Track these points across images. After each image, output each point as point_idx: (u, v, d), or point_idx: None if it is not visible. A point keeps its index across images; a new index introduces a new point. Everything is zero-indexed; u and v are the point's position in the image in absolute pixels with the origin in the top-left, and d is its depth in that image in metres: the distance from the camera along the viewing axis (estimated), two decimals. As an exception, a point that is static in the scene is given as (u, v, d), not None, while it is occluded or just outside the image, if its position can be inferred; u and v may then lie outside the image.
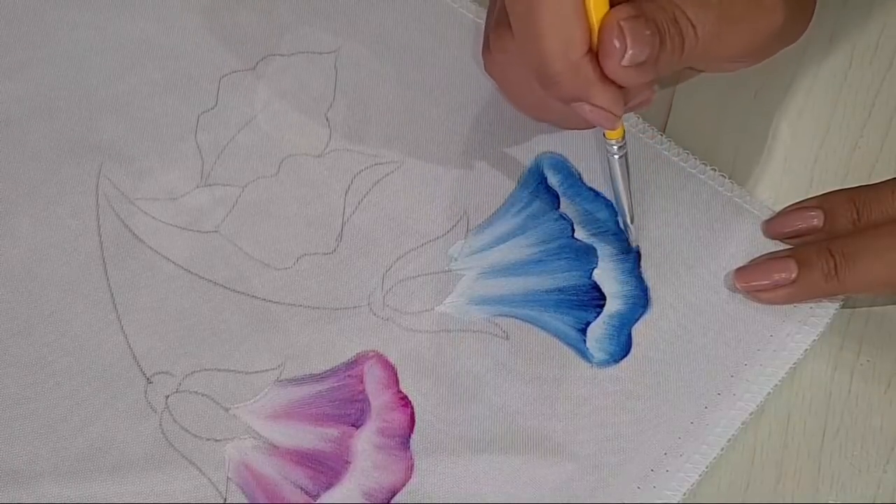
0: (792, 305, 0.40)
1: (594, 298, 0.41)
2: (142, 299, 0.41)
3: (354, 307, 0.41)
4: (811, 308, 0.40)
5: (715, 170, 0.43)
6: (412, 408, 0.39)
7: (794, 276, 0.39)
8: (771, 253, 0.41)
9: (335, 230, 0.42)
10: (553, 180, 0.43)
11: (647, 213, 0.42)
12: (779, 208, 0.42)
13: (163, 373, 0.39)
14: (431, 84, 0.45)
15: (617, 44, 0.33)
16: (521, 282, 0.41)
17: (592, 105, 0.34)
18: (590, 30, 0.34)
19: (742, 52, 0.37)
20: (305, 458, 0.38)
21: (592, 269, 0.41)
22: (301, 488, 0.38)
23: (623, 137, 0.38)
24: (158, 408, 0.39)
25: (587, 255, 0.41)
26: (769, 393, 0.39)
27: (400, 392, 0.39)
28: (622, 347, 0.40)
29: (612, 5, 0.34)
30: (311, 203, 0.43)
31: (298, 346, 0.40)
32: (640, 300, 0.41)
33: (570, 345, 0.40)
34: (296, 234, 0.42)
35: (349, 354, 0.40)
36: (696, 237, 0.41)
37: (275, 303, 0.41)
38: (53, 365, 0.40)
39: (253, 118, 0.44)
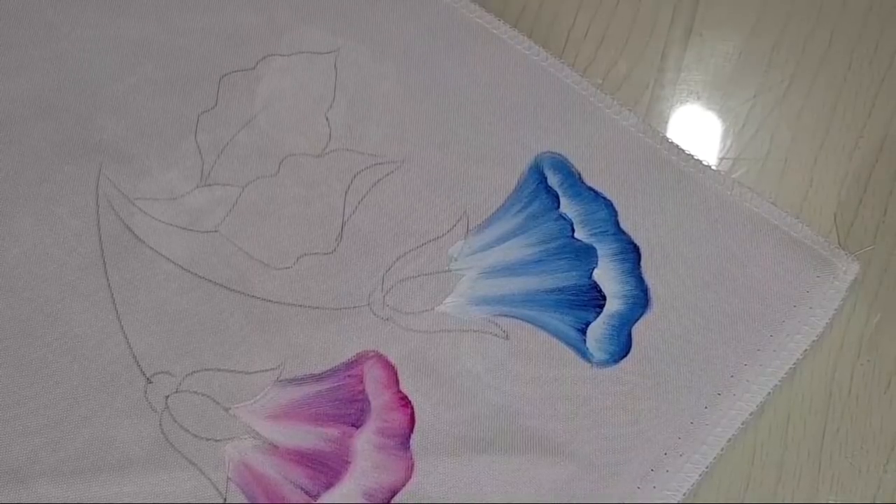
0: (792, 305, 0.40)
1: (594, 298, 0.41)
2: (142, 299, 0.41)
3: (354, 307, 0.41)
4: (811, 308, 0.40)
5: (715, 170, 0.43)
6: (412, 408, 0.39)
7: None
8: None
9: (335, 230, 0.42)
10: (553, 180, 0.43)
11: (647, 214, 0.42)
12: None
13: (163, 373, 0.39)
14: (431, 84, 0.45)
15: None
16: (521, 282, 0.41)
17: None
18: None
19: None
20: (305, 458, 0.38)
21: (592, 269, 0.41)
22: (301, 488, 0.38)
23: None
24: (158, 408, 0.39)
25: (587, 255, 0.41)
26: (769, 393, 0.39)
27: (400, 392, 0.39)
28: (622, 347, 0.40)
29: None
30: (311, 203, 0.43)
31: (298, 346, 0.40)
32: (640, 300, 0.40)
33: (570, 345, 0.40)
34: (296, 234, 0.42)
35: (349, 354, 0.40)
36: (697, 237, 0.41)
37: (275, 303, 0.41)
38: (53, 365, 0.40)
39: (253, 118, 0.44)
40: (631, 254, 0.41)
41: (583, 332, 0.40)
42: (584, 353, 0.40)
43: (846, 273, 0.41)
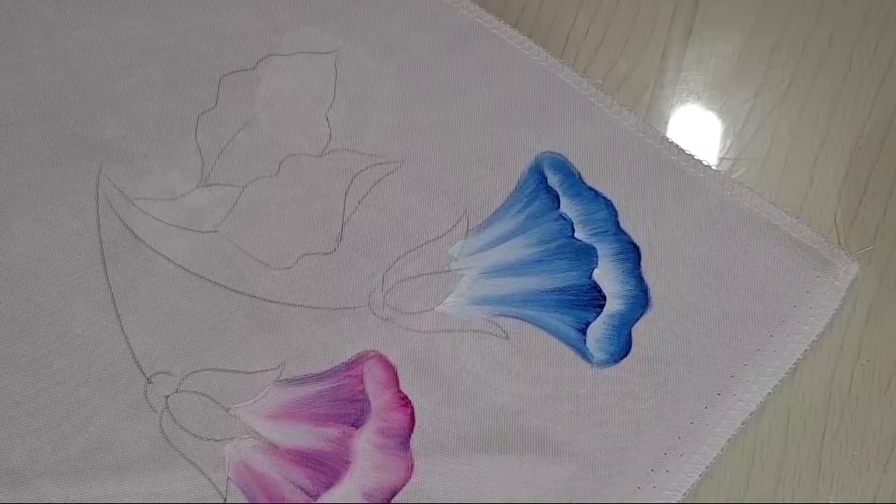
0: (792, 305, 0.40)
1: (594, 298, 0.41)
2: (142, 299, 0.41)
3: (354, 307, 0.41)
4: (811, 308, 0.40)
5: (715, 170, 0.43)
6: (412, 408, 0.39)
7: None
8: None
9: (335, 230, 0.42)
10: (553, 180, 0.43)
11: (647, 214, 0.42)
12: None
13: (163, 373, 0.39)
14: (431, 84, 0.45)
15: None
16: (521, 282, 0.41)
17: None
18: None
19: None
20: (305, 458, 0.38)
21: (592, 269, 0.41)
22: (301, 488, 0.38)
23: None
24: (158, 408, 0.39)
25: (587, 255, 0.41)
26: (769, 393, 0.39)
27: (400, 392, 0.39)
28: (622, 347, 0.40)
29: None
30: (311, 203, 0.43)
31: (298, 346, 0.40)
32: (640, 300, 0.41)
33: (570, 345, 0.40)
34: (296, 234, 0.42)
35: (349, 354, 0.40)
36: (696, 237, 0.41)
37: (275, 303, 0.41)
38: (53, 365, 0.40)
39: (253, 118, 0.44)
40: (631, 254, 0.41)
41: (583, 332, 0.40)
42: (584, 353, 0.40)
43: (846, 273, 0.41)
